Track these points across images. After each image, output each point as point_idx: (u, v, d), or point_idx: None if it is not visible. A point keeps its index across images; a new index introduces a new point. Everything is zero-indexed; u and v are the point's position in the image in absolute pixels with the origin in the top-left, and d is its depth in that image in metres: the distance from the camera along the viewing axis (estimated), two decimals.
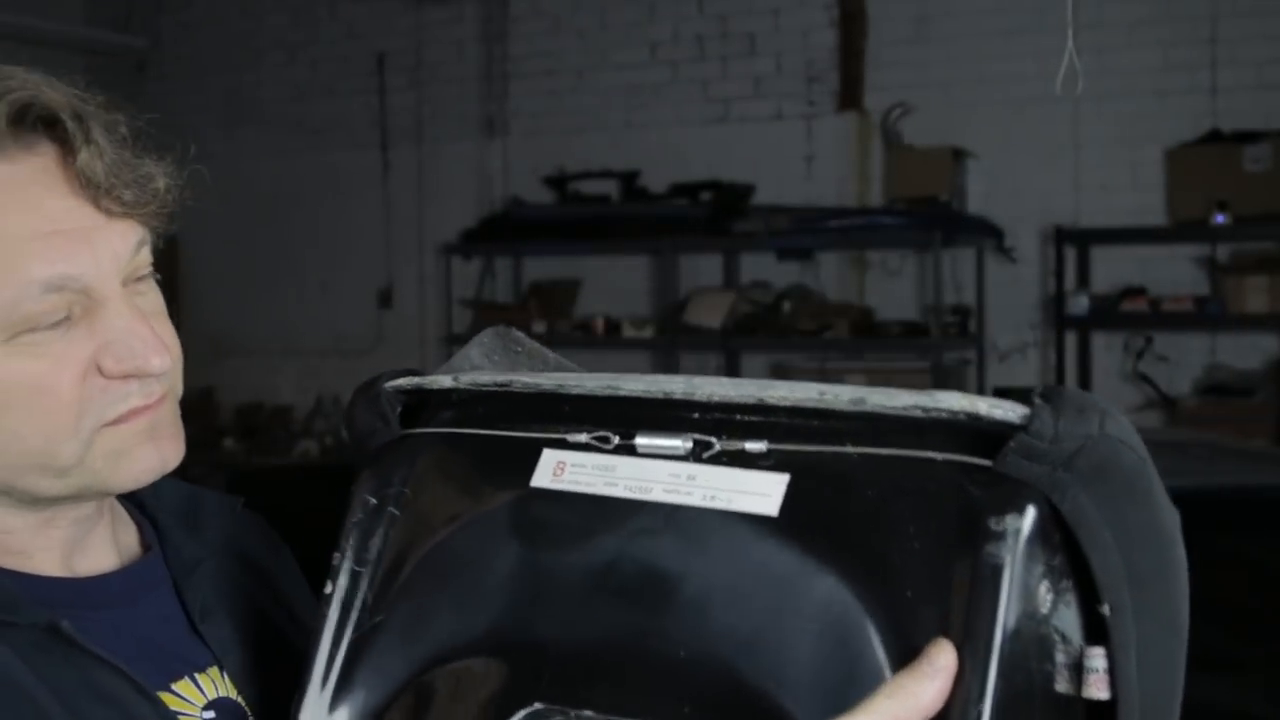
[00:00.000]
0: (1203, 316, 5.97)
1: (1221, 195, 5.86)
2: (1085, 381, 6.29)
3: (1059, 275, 6.20)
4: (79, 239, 0.91)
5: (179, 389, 1.01)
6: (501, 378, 0.91)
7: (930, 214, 6.33)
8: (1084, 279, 6.28)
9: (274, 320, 7.57)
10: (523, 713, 0.81)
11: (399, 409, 0.95)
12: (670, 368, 6.95)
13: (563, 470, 0.86)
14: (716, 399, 0.81)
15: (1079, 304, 6.16)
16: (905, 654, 0.72)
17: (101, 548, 1.03)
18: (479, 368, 0.98)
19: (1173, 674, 0.77)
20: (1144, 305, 6.04)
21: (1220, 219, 5.87)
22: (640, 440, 0.84)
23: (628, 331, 6.99)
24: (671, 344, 6.91)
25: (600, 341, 7.06)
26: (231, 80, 7.99)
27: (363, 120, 7.84)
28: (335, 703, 0.88)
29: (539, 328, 7.14)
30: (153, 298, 0.99)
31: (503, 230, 7.35)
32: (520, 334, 1.02)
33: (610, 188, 7.14)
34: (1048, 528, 0.71)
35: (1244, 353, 6.07)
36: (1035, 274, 6.46)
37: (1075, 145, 6.24)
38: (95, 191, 0.92)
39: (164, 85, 8.17)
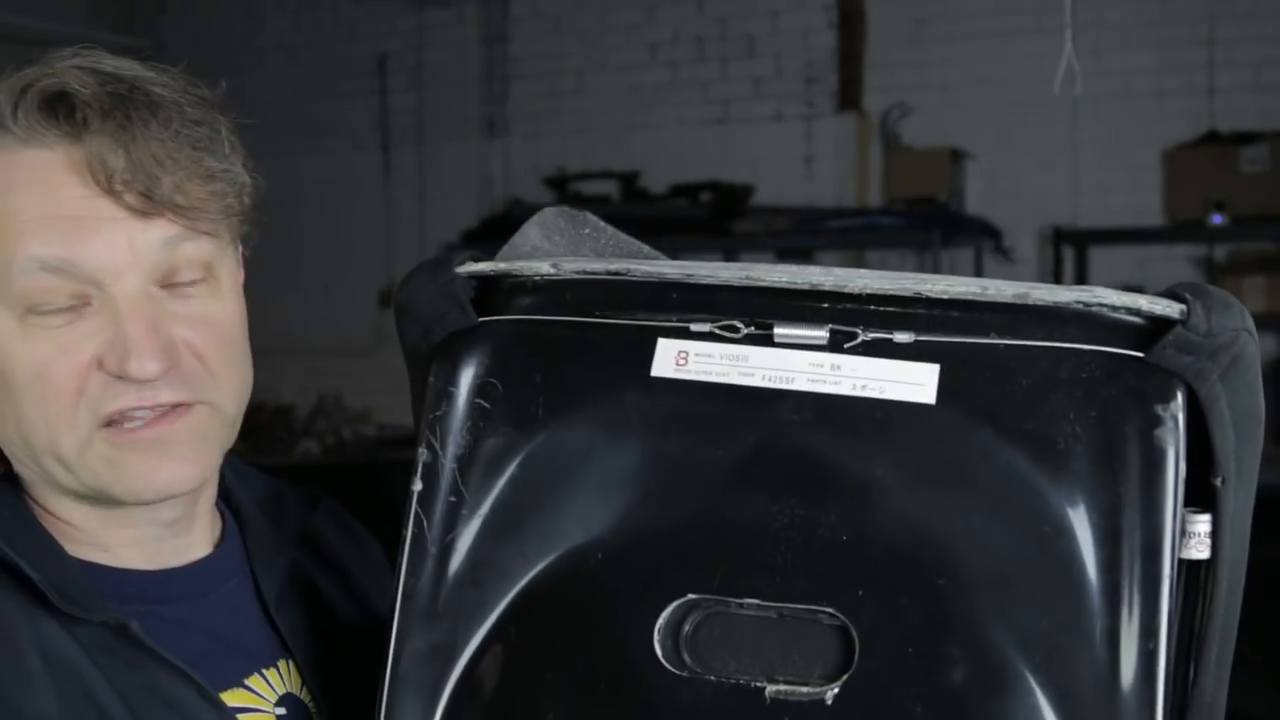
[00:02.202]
0: None
1: (1219, 196, 5.88)
2: None
3: (1057, 275, 6.20)
4: (87, 227, 0.90)
5: (224, 406, 0.97)
6: (615, 265, 0.85)
7: (929, 214, 6.35)
8: (1082, 279, 6.30)
9: (275, 320, 7.57)
10: (676, 603, 0.78)
11: (471, 294, 0.90)
12: None
13: (686, 359, 0.82)
14: (870, 291, 0.80)
15: None
16: (1080, 535, 0.76)
17: (196, 542, 1.03)
18: (539, 248, 0.93)
19: (1247, 536, 0.84)
20: None
21: (1218, 219, 5.89)
22: (778, 330, 0.80)
23: None
24: None
25: None
26: (233, 81, 7.98)
27: (364, 121, 7.86)
28: (437, 603, 0.83)
29: None
30: (198, 304, 0.96)
31: (503, 231, 7.15)
32: (587, 212, 0.96)
33: (610, 188, 7.15)
34: (1187, 411, 0.79)
35: None
36: (1033, 274, 6.46)
37: (1073, 146, 6.26)
38: (111, 185, 0.91)
39: None
